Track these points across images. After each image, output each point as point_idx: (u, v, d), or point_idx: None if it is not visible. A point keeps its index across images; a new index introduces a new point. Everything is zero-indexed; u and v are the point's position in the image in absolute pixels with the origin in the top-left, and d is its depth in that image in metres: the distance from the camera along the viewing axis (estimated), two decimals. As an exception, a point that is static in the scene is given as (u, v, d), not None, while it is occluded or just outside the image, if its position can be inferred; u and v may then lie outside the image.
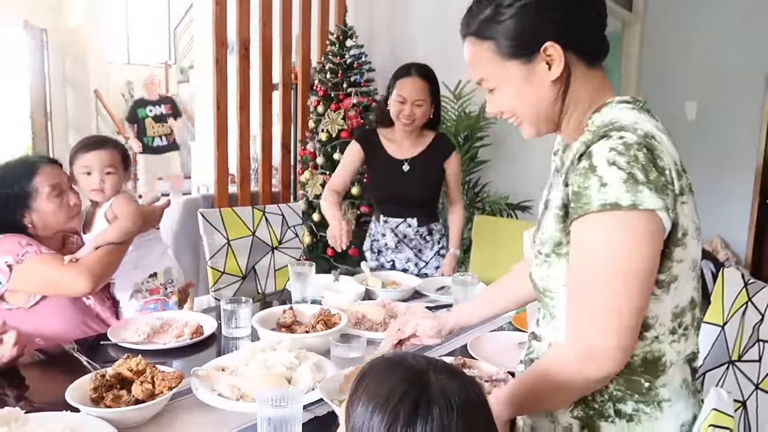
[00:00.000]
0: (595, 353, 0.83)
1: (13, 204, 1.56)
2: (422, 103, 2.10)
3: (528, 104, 0.93)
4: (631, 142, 0.81)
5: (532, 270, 1.00)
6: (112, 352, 1.42)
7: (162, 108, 6.22)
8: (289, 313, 1.53)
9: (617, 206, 0.79)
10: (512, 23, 0.89)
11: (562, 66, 0.89)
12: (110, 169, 1.66)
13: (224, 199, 3.58)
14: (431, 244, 2.28)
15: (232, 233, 2.29)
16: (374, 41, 4.11)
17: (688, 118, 4.14)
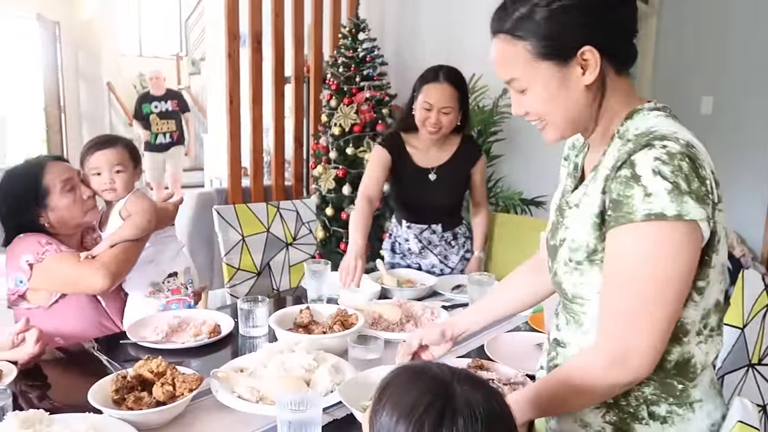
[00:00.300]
0: (624, 358, 0.84)
1: (29, 205, 1.58)
2: (450, 110, 1.99)
3: (560, 108, 0.92)
4: (675, 151, 0.81)
5: (562, 277, 0.98)
6: (131, 350, 1.43)
7: (168, 104, 5.95)
8: (306, 313, 1.53)
9: (662, 216, 0.80)
10: (550, 24, 0.87)
11: (597, 71, 0.89)
12: (119, 167, 1.66)
13: (237, 193, 3.59)
14: (456, 249, 2.23)
15: (247, 229, 2.29)
16: (386, 34, 4.09)
17: (704, 112, 4.09)
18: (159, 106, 5.89)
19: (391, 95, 3.57)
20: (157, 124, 5.88)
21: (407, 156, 2.13)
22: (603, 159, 0.93)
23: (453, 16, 3.76)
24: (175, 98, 6.03)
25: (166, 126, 5.93)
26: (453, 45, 3.74)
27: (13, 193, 1.60)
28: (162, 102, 5.91)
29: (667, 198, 0.79)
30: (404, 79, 3.96)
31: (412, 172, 2.13)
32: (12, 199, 1.60)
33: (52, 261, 1.52)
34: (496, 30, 0.94)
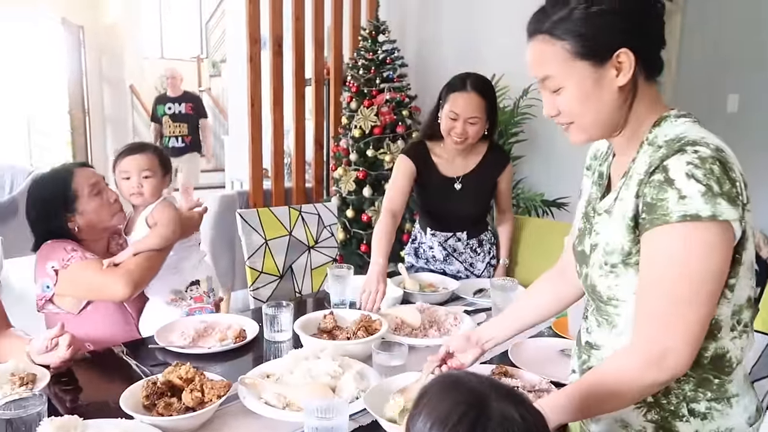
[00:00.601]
0: (660, 358, 0.87)
1: (58, 210, 1.62)
2: (476, 121, 1.96)
3: (592, 108, 0.95)
4: (706, 156, 0.85)
5: (597, 280, 1.01)
6: (158, 354, 1.46)
7: (182, 106, 5.66)
8: (330, 318, 1.54)
9: (697, 217, 0.83)
10: (588, 25, 0.91)
11: (631, 74, 0.92)
12: (148, 172, 1.69)
13: (259, 195, 3.63)
14: (482, 256, 2.21)
15: (270, 233, 2.32)
16: (407, 36, 4.09)
17: (730, 110, 4.02)
18: (172, 107, 5.65)
19: (411, 97, 3.57)
20: (169, 126, 5.64)
21: (432, 165, 2.11)
22: (633, 165, 0.96)
23: (473, 16, 3.75)
24: (190, 101, 5.76)
25: (178, 129, 5.65)
26: (474, 45, 3.73)
27: (42, 198, 1.64)
28: (176, 104, 5.66)
29: (701, 200, 0.83)
30: (424, 81, 3.96)
31: (437, 181, 2.10)
32: (41, 204, 1.64)
33: (76, 268, 1.56)
34: (534, 31, 0.96)
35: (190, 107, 5.69)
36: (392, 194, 2.06)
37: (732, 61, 3.93)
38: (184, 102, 5.67)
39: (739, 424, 0.95)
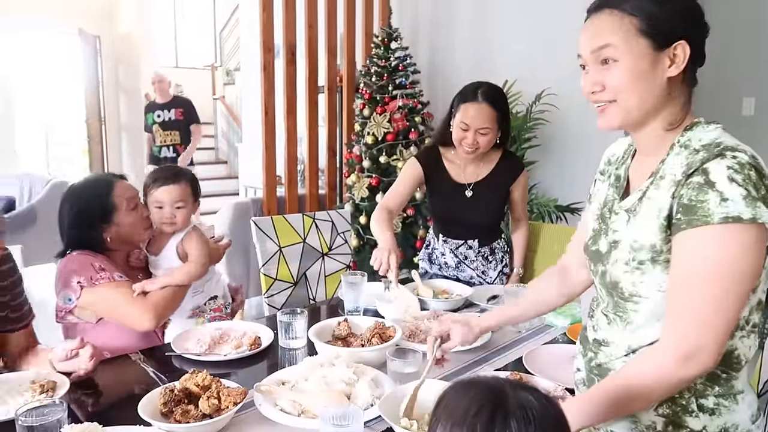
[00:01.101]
0: (694, 354, 0.89)
1: (94, 220, 1.64)
2: (487, 131, 1.95)
3: (639, 89, 0.97)
4: (744, 162, 0.88)
5: (620, 277, 1.02)
6: (174, 361, 1.47)
7: (171, 113, 5.23)
8: (344, 325, 1.55)
9: (739, 219, 0.86)
10: (657, 6, 0.94)
11: (683, 67, 0.96)
12: (181, 203, 1.73)
13: (273, 202, 3.65)
14: (494, 264, 2.19)
15: (284, 240, 2.33)
16: (419, 42, 4.10)
17: (746, 113, 3.98)
18: (162, 115, 5.23)
19: (424, 103, 3.58)
20: (160, 135, 5.23)
21: (444, 170, 2.11)
22: (663, 166, 0.98)
23: (486, 22, 3.76)
24: (180, 106, 5.29)
25: (169, 137, 5.24)
26: (486, 52, 3.73)
27: (80, 207, 1.65)
28: (165, 111, 5.24)
29: (742, 203, 0.86)
30: (437, 87, 3.98)
31: (448, 187, 2.10)
32: (78, 212, 1.65)
33: (105, 289, 1.57)
34: (601, 5, 0.99)
35: (180, 113, 5.26)
36: (391, 195, 2.10)
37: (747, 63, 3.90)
38: (173, 108, 5.25)
39: (743, 421, 0.97)
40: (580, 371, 1.15)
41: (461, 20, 3.89)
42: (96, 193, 1.66)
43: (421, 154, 2.16)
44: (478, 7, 3.79)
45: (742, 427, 0.97)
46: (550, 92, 3.24)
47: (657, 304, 0.98)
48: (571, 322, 1.73)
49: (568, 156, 3.41)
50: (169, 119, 5.22)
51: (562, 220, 3.21)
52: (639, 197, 1.01)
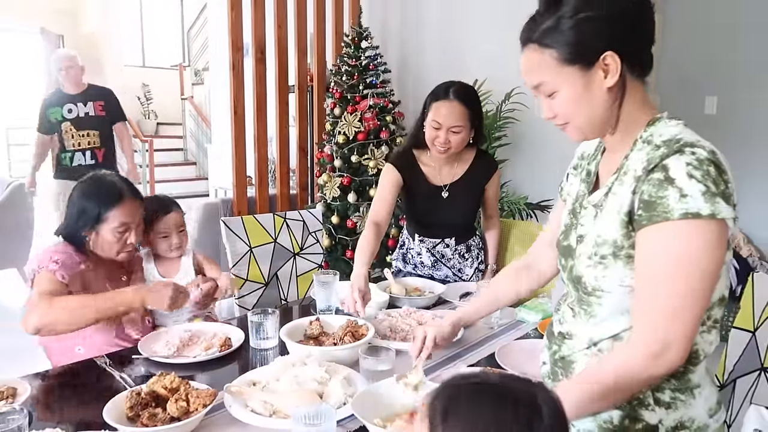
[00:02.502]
0: (662, 351, 0.89)
1: (87, 218, 1.63)
2: (460, 129, 1.95)
3: (584, 110, 0.99)
4: (703, 157, 0.88)
5: (583, 271, 1.03)
6: (142, 366, 1.43)
7: (88, 107, 3.92)
8: (316, 324, 1.54)
9: (698, 215, 0.86)
10: (573, 33, 0.95)
11: (618, 75, 0.96)
12: (182, 227, 1.87)
13: (243, 203, 3.61)
14: (470, 261, 2.21)
15: (254, 240, 2.30)
16: (389, 42, 4.10)
17: (708, 112, 4.09)
18: (74, 109, 3.90)
19: (395, 102, 3.58)
20: (71, 137, 3.89)
21: (420, 173, 2.11)
22: (626, 162, 0.99)
23: (456, 22, 3.78)
24: (99, 98, 3.99)
25: (86, 139, 3.92)
26: (456, 51, 3.75)
27: (83, 201, 1.65)
28: (79, 104, 3.92)
29: (701, 198, 0.86)
30: (407, 86, 3.99)
31: (424, 189, 2.10)
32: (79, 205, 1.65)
33: (38, 278, 1.57)
34: (525, 40, 1.01)
35: (101, 106, 3.97)
36: (377, 207, 2.07)
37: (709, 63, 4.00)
38: (90, 100, 3.94)
39: (700, 415, 0.98)
40: (545, 364, 1.16)
41: (431, 20, 3.91)
42: (102, 198, 1.64)
43: (396, 159, 2.14)
44: (448, 7, 3.80)
45: (699, 421, 0.98)
46: (520, 91, 3.27)
47: (619, 299, 0.99)
48: (543, 317, 1.75)
49: (538, 154, 3.45)
50: (86, 115, 3.92)
51: (533, 218, 3.25)
52: (605, 192, 1.02)
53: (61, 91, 3.96)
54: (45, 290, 1.53)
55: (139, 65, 8.74)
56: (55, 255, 1.60)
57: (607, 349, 1.01)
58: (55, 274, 1.56)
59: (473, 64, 3.61)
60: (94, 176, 1.71)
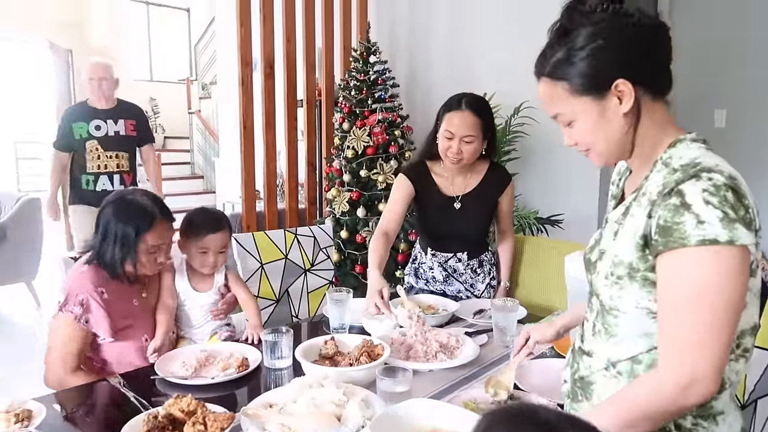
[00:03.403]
0: (692, 383, 0.87)
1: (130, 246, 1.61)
2: (472, 139, 1.97)
3: (602, 137, 1.00)
4: (720, 183, 0.87)
5: (600, 289, 1.03)
6: (158, 385, 1.42)
7: (119, 125, 3.47)
8: (331, 344, 1.52)
9: (715, 242, 0.85)
10: (584, 64, 0.96)
11: (632, 100, 0.96)
12: (223, 248, 1.82)
13: (252, 218, 3.61)
14: (482, 276, 2.20)
15: (266, 257, 2.30)
16: (397, 56, 4.12)
17: (717, 125, 4.08)
18: (103, 126, 3.43)
19: (404, 117, 3.59)
20: (98, 157, 3.41)
21: (433, 184, 2.11)
22: (645, 183, 0.99)
23: (464, 36, 3.79)
24: (132, 116, 3.57)
25: (114, 162, 3.45)
26: (465, 65, 3.76)
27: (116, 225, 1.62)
28: (110, 121, 3.45)
29: (719, 225, 0.85)
30: (416, 100, 3.99)
31: (437, 200, 2.11)
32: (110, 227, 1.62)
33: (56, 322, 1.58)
34: (538, 74, 1.03)
35: (132, 126, 3.54)
36: (388, 216, 2.09)
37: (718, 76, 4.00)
38: (122, 118, 3.50)
39: None
40: (566, 383, 1.15)
41: (439, 35, 3.92)
42: (135, 220, 1.61)
43: (409, 170, 2.15)
44: (456, 22, 3.82)
45: None
46: (529, 105, 3.27)
47: (636, 320, 0.97)
48: (559, 336, 1.72)
49: (548, 168, 3.44)
50: (116, 134, 3.46)
51: (543, 233, 3.23)
52: (623, 212, 1.02)
53: (88, 105, 3.49)
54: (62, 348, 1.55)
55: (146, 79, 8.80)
56: (81, 293, 1.58)
57: (626, 371, 1.00)
58: (79, 320, 1.56)
59: (482, 79, 3.61)
60: (124, 198, 1.67)
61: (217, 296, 1.85)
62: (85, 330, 1.57)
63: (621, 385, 1.00)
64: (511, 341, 1.70)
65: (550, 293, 2.26)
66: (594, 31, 0.94)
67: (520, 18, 3.50)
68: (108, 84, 3.49)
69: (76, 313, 1.56)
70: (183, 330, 1.84)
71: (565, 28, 0.97)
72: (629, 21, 0.94)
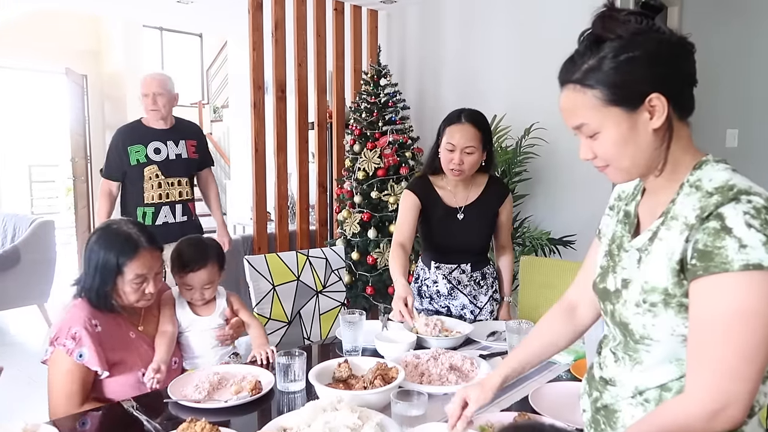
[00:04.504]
0: (724, 408, 0.85)
1: (109, 274, 1.58)
2: (473, 150, 2.03)
3: (629, 151, 0.96)
4: (760, 206, 0.85)
5: (630, 318, 0.99)
6: (172, 409, 1.41)
7: (181, 146, 2.98)
8: (345, 367, 1.51)
9: (760, 267, 0.83)
10: (618, 73, 0.92)
11: (665, 116, 0.93)
12: (209, 285, 1.80)
13: (263, 239, 3.62)
14: (485, 289, 2.22)
15: (278, 279, 2.30)
16: (408, 78, 4.16)
17: (729, 145, 4.06)
18: (163, 150, 2.93)
19: (414, 138, 3.61)
20: (159, 186, 2.91)
21: (436, 197, 2.17)
22: (673, 207, 0.96)
23: (473, 58, 3.82)
24: (193, 136, 3.07)
25: (176, 189, 2.96)
26: (474, 86, 3.79)
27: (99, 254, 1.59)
28: (170, 142, 2.96)
29: (763, 249, 0.83)
30: (426, 122, 4.02)
31: (441, 211, 2.16)
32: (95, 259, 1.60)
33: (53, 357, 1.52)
34: (565, 80, 0.99)
35: (193, 147, 3.04)
36: (401, 228, 2.13)
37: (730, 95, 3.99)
38: (183, 139, 3.00)
39: None
40: (586, 412, 1.11)
41: (449, 57, 3.96)
42: (118, 250, 1.58)
43: (413, 185, 2.21)
44: (466, 44, 3.86)
45: None
46: (539, 126, 3.28)
47: (670, 348, 0.95)
48: (575, 358, 1.70)
49: (559, 189, 3.43)
50: (177, 157, 2.96)
51: (555, 253, 3.22)
52: (650, 237, 0.99)
53: (143, 125, 2.99)
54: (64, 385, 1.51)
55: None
56: (73, 326, 1.53)
57: (654, 399, 0.97)
58: (71, 355, 1.51)
59: (492, 100, 3.64)
60: (109, 226, 1.64)
61: (222, 320, 1.83)
62: (80, 365, 1.51)
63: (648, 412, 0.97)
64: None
65: (565, 315, 2.24)
66: (629, 42, 0.92)
67: (529, 40, 3.52)
68: (166, 100, 2.96)
69: (68, 347, 1.51)
70: (187, 360, 1.78)
71: (597, 36, 0.95)
72: (663, 36, 0.93)
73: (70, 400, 1.50)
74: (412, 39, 4.16)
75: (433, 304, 2.25)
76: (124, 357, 1.59)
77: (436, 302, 2.24)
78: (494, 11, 3.69)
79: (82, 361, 1.51)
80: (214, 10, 4.60)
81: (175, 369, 1.71)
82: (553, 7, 3.42)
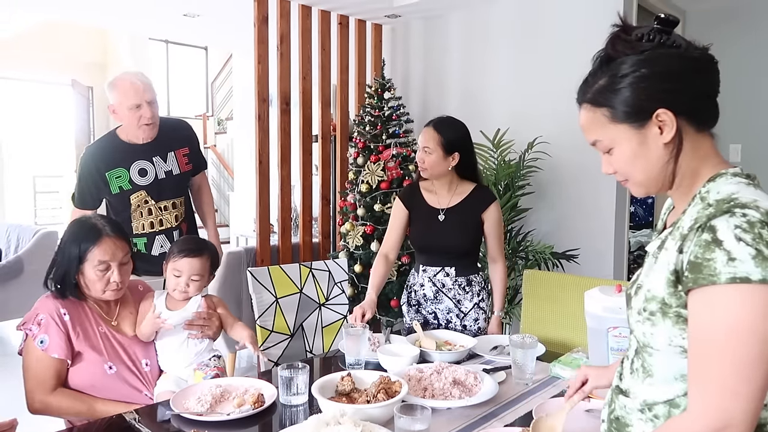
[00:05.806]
0: (725, 427, 0.84)
1: (71, 261, 1.65)
2: (429, 151, 2.17)
3: (641, 166, 0.99)
4: (754, 220, 0.85)
5: (633, 325, 1.01)
6: (174, 422, 1.41)
7: (170, 161, 2.46)
8: (348, 380, 1.50)
9: (747, 280, 0.82)
10: (627, 92, 0.95)
11: (674, 131, 0.95)
12: (197, 276, 1.78)
13: (266, 252, 3.62)
14: (470, 295, 2.25)
15: (280, 291, 2.30)
16: (411, 92, 4.18)
17: (732, 159, 4.06)
18: (149, 170, 2.41)
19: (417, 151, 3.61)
20: (149, 213, 2.43)
21: (421, 198, 2.29)
22: (683, 217, 0.97)
23: (477, 71, 3.84)
24: (183, 142, 2.53)
25: (170, 214, 2.47)
26: (478, 100, 3.80)
27: (64, 244, 1.68)
28: (157, 159, 2.43)
29: (752, 263, 0.82)
30: (429, 136, 4.02)
31: (424, 211, 2.27)
32: (60, 250, 1.68)
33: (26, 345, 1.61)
34: (579, 101, 1.03)
35: (185, 157, 2.52)
36: (386, 237, 2.34)
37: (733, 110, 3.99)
38: (172, 150, 2.47)
39: None
40: (604, 422, 1.12)
41: (453, 70, 3.98)
42: (81, 239, 1.65)
43: (401, 191, 2.40)
44: (469, 58, 3.88)
45: None
46: (542, 140, 3.29)
47: (671, 359, 0.95)
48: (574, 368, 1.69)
49: (563, 203, 3.44)
50: (168, 175, 2.45)
51: (558, 267, 3.21)
52: (658, 246, 1.00)
53: (121, 141, 2.40)
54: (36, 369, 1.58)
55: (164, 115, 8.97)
56: (41, 313, 1.62)
57: (663, 415, 0.97)
58: (36, 341, 1.59)
59: (495, 114, 3.65)
60: (79, 220, 1.74)
61: (186, 316, 1.78)
62: (47, 355, 1.58)
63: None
64: (530, 379, 1.67)
65: (569, 329, 2.24)
66: (638, 60, 0.94)
67: (533, 54, 3.54)
68: (156, 107, 2.41)
69: (34, 332, 1.59)
70: (163, 365, 1.77)
71: (609, 56, 0.98)
72: (675, 52, 0.95)
73: (41, 386, 1.58)
74: (416, 53, 4.19)
75: (421, 310, 2.29)
76: (86, 349, 1.63)
77: (423, 308, 2.28)
78: (498, 26, 3.72)
79: (43, 347, 1.58)
80: (219, 24, 4.64)
81: (149, 371, 1.72)
82: (556, 23, 3.44)
